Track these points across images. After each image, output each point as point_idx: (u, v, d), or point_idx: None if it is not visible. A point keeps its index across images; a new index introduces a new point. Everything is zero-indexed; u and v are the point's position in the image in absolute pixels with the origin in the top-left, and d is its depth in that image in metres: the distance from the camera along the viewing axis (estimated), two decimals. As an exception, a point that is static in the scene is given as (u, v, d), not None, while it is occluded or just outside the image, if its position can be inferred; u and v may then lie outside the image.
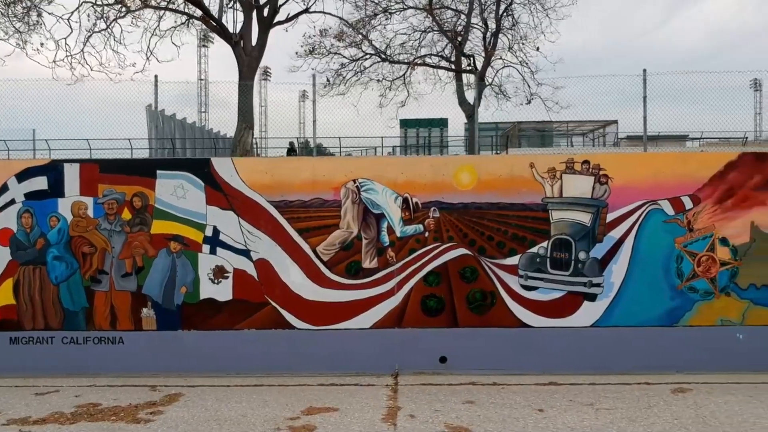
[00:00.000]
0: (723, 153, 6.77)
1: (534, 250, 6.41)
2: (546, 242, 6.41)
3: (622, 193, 6.36)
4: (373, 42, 18.92)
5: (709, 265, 6.36)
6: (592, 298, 6.39)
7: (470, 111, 19.17)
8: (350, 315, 6.42)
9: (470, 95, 19.46)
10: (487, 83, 19.09)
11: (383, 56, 18.98)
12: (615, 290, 6.38)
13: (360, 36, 18.19)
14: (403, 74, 19.15)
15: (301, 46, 18.52)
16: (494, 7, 19.19)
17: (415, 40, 19.58)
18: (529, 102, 18.95)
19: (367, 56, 18.96)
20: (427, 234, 6.42)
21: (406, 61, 19.18)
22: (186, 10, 15.90)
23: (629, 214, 6.38)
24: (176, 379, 6.35)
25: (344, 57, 18.86)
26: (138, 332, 6.47)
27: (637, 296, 6.37)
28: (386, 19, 18.70)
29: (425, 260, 6.42)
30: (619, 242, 6.38)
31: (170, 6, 15.78)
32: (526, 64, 19.13)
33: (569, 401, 5.59)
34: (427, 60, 19.94)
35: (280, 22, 16.08)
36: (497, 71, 19.30)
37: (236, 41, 15.07)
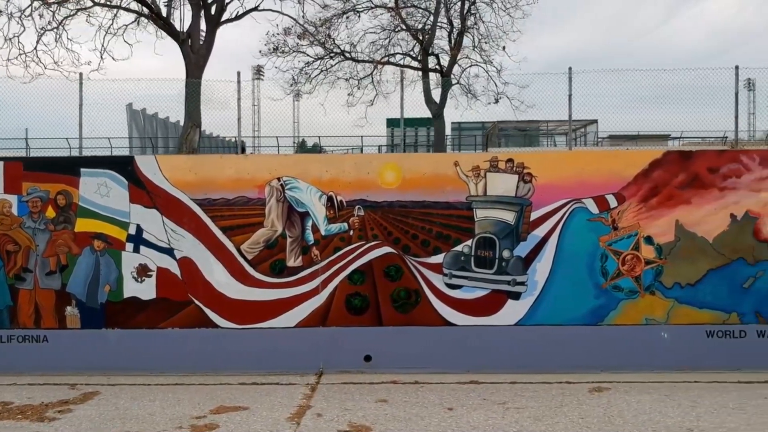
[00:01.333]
0: (648, 151, 6.76)
1: (458, 248, 6.39)
2: (470, 240, 6.39)
3: (547, 191, 6.35)
4: (340, 41, 18.95)
5: (634, 264, 6.34)
6: (516, 296, 6.37)
7: (436, 110, 19.15)
8: (275, 314, 6.40)
9: (440, 95, 19.45)
10: (453, 82, 19.07)
11: (347, 55, 18.96)
12: (539, 289, 6.36)
13: (323, 35, 18.17)
14: (371, 73, 19.15)
15: (265, 45, 18.53)
16: (459, 6, 19.19)
17: (385, 38, 19.59)
18: (496, 101, 18.95)
19: (332, 55, 18.93)
20: (351, 232, 6.40)
21: (370, 59, 19.16)
22: (134, 8, 15.88)
23: (553, 212, 6.36)
24: (100, 377, 6.32)
25: (308, 56, 18.87)
26: (62, 331, 6.44)
27: (562, 295, 6.35)
28: (357, 17, 18.70)
29: (350, 259, 6.40)
30: (544, 241, 6.36)
31: (117, 4, 15.71)
32: (491, 63, 19.14)
33: (483, 400, 5.57)
34: (395, 59, 19.92)
35: (228, 20, 16.07)
36: (464, 70, 19.32)
37: (183, 39, 15.03)
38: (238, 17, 16.16)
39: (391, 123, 40.40)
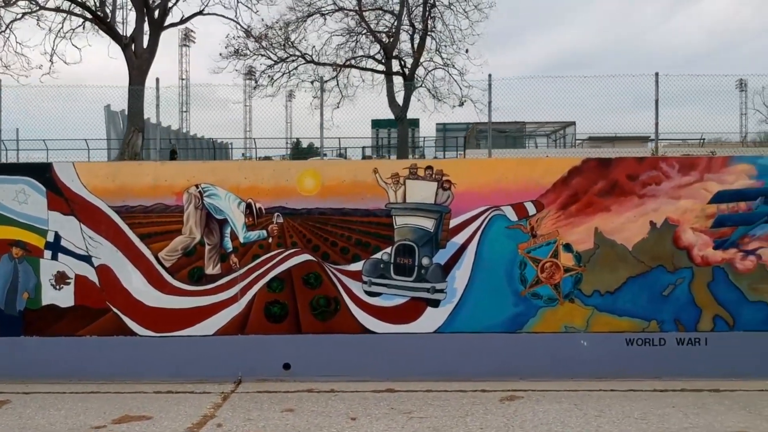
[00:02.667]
0: (567, 158, 6.74)
1: (378, 255, 6.37)
2: (390, 248, 6.37)
3: (465, 198, 6.32)
4: (305, 43, 18.92)
5: (553, 272, 6.32)
6: (435, 304, 6.35)
7: (399, 113, 19.13)
8: (193, 321, 6.37)
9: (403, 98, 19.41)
10: (417, 85, 19.06)
11: (307, 58, 18.93)
12: (458, 296, 6.34)
13: (282, 38, 18.14)
14: (335, 76, 19.11)
15: (225, 47, 18.49)
16: (421, 9, 19.15)
17: (352, 41, 19.56)
18: (461, 104, 18.93)
19: (293, 58, 18.91)
20: (270, 240, 6.37)
21: (331, 63, 19.13)
22: (78, 12, 15.81)
23: (472, 219, 6.34)
24: (16, 386, 6.27)
25: (270, 59, 18.81)
26: (-20, 338, 6.40)
27: (481, 302, 6.33)
28: (323, 20, 18.66)
29: (269, 266, 6.37)
30: (462, 248, 6.34)
31: (66, 8, 15.60)
32: (453, 66, 19.12)
33: (390, 409, 5.55)
34: (358, 62, 19.91)
35: (173, 24, 16.03)
36: (428, 72, 19.29)
37: (126, 43, 14.99)
38: (182, 21, 16.15)
39: (376, 124, 40.52)
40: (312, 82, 18.51)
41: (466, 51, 18.85)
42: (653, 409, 5.49)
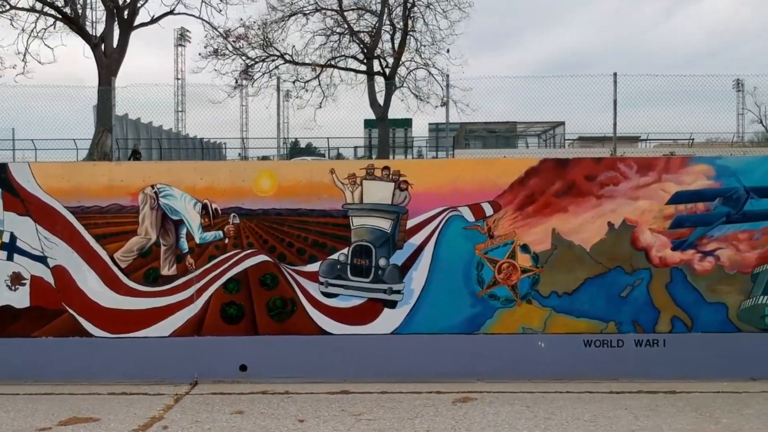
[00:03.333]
0: (524, 159, 6.70)
1: (334, 256, 6.33)
2: (346, 249, 6.33)
3: (423, 199, 6.29)
4: (286, 44, 18.86)
5: (510, 273, 6.29)
6: (392, 305, 6.32)
7: (380, 113, 19.10)
8: (149, 323, 6.33)
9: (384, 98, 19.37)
10: (398, 85, 19.02)
11: (287, 58, 18.89)
12: (415, 297, 6.31)
13: (260, 38, 18.09)
14: (317, 76, 19.06)
15: (204, 47, 18.44)
16: (401, 9, 19.11)
17: (334, 41, 19.52)
18: (443, 104, 18.89)
19: (273, 58, 18.87)
20: (226, 241, 6.33)
21: (311, 63, 19.10)
22: (49, 12, 15.79)
23: (429, 220, 6.31)
24: (-29, 387, 6.25)
25: (249, 58, 18.77)
26: (-65, 340, 6.36)
27: (438, 303, 6.29)
28: (305, 20, 18.60)
29: (225, 267, 6.33)
30: (420, 249, 6.31)
31: (35, 7, 15.55)
32: (433, 65, 19.07)
33: (341, 411, 5.52)
34: (339, 62, 19.87)
35: (143, 24, 15.99)
36: (409, 72, 19.24)
37: (96, 43, 14.95)
38: (153, 21, 16.08)
39: (369, 124, 40.44)
40: (294, 82, 18.50)
41: (447, 51, 18.83)
42: (605, 411, 5.45)
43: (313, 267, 6.33)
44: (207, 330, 6.33)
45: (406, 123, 39.87)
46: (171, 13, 16.58)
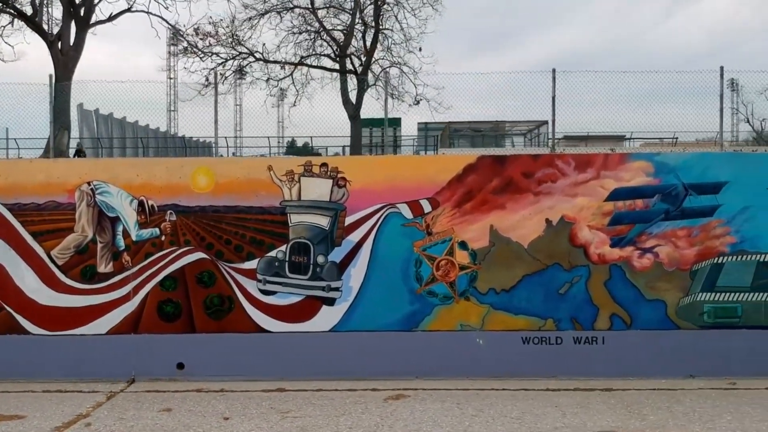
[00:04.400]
0: (462, 156, 6.69)
1: (272, 254, 6.31)
2: (285, 246, 6.30)
3: (361, 196, 6.26)
4: (256, 42, 18.77)
5: (448, 270, 6.27)
6: (330, 302, 6.29)
7: (353, 111, 19.07)
8: (86, 320, 6.30)
9: (366, 96, 19.36)
10: (370, 83, 18.99)
11: (257, 56, 18.86)
12: (353, 294, 6.28)
13: (228, 36, 18.07)
14: (290, 74, 19.04)
15: (174, 45, 18.37)
16: (373, 9, 19.06)
17: (307, 39, 19.49)
18: (417, 103, 18.87)
19: (244, 56, 18.82)
20: (163, 238, 6.30)
21: (281, 61, 19.06)
22: (7, 10, 15.73)
23: (368, 217, 6.28)
24: None
25: (220, 57, 18.74)
26: None
27: (376, 300, 6.27)
28: (279, 18, 18.55)
29: (161, 264, 6.30)
30: (358, 246, 6.28)
31: None
32: (405, 64, 19.04)
33: (270, 408, 5.49)
34: (312, 60, 19.82)
35: (100, 22, 15.95)
36: (383, 70, 19.19)
37: (52, 41, 14.90)
38: (110, 18, 16.04)
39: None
40: (267, 81, 18.46)
41: (420, 49, 18.81)
42: (534, 408, 5.43)
43: (251, 264, 6.30)
44: (144, 328, 6.30)
45: (395, 122, 39.85)
46: (128, 10, 16.53)
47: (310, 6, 18.48)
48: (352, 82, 18.66)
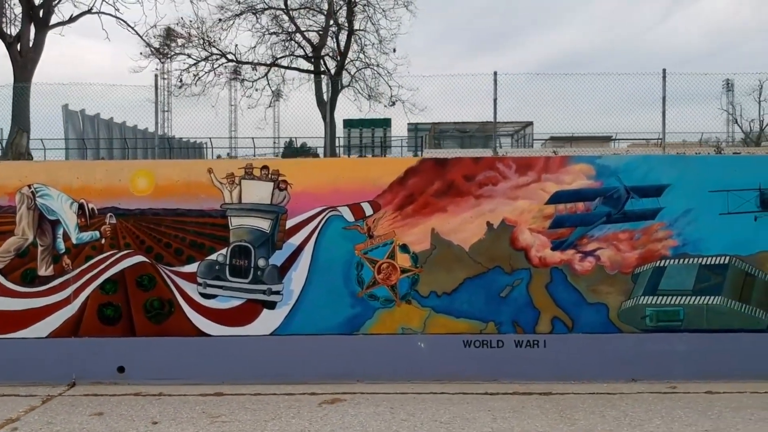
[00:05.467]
0: (404, 159, 6.69)
1: (213, 257, 6.28)
2: (225, 249, 6.28)
3: (302, 199, 6.24)
4: (229, 42, 18.74)
5: (390, 273, 6.24)
6: (271, 305, 6.26)
7: (325, 112, 19.06)
8: (26, 324, 6.27)
9: (340, 97, 19.32)
10: (345, 84, 18.95)
11: (229, 58, 18.84)
12: (294, 298, 6.25)
13: (198, 38, 18.04)
14: (265, 74, 19.01)
15: (145, 46, 18.38)
16: (346, 10, 19.04)
17: (284, 40, 19.45)
18: (392, 104, 18.85)
19: (216, 57, 18.79)
20: (103, 241, 6.27)
21: (253, 62, 19.02)
22: None
23: (309, 220, 6.25)
24: None
25: (192, 58, 18.72)
26: None
27: (317, 304, 6.24)
28: (255, 18, 18.51)
29: (102, 268, 6.27)
30: (299, 249, 6.25)
31: None
32: (378, 65, 19.01)
33: (202, 413, 5.47)
34: (287, 61, 19.80)
35: (60, 23, 15.90)
36: (358, 70, 19.18)
37: (11, 42, 14.86)
38: (71, 20, 15.99)
39: (348, 124, 40.38)
40: (242, 81, 18.41)
41: (394, 50, 18.77)
42: (466, 413, 5.41)
43: (191, 268, 6.28)
44: (84, 331, 6.27)
45: (385, 123, 39.87)
46: (89, 12, 16.50)
47: (284, 7, 18.45)
48: (326, 84, 18.62)
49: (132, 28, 17.41)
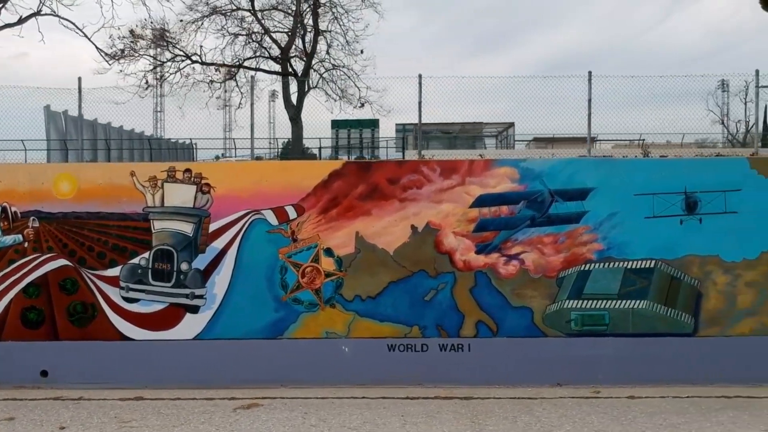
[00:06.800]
0: (328, 162, 6.64)
1: (135, 260, 6.24)
2: (148, 253, 6.24)
3: (225, 202, 6.20)
4: (194, 43, 18.68)
5: (314, 276, 6.21)
6: (194, 310, 6.23)
7: (293, 113, 19.03)
8: (-51, 327, 6.23)
9: (308, 99, 19.28)
10: (313, 86, 18.92)
11: (194, 59, 18.80)
12: (218, 302, 6.22)
13: (157, 38, 17.99)
14: (234, 76, 18.99)
15: (110, 48, 18.35)
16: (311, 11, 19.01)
17: (250, 42, 19.40)
18: (362, 105, 18.83)
19: (181, 59, 18.77)
20: (26, 244, 6.23)
21: (218, 63, 18.99)
22: None
23: (232, 224, 6.22)
24: None
25: (157, 60, 18.67)
26: None
27: (241, 308, 6.21)
28: (224, 19, 18.47)
29: (25, 271, 6.23)
30: (223, 253, 6.22)
31: None
32: (344, 66, 18.99)
33: (113, 417, 5.44)
34: (257, 63, 19.77)
35: (9, 25, 15.88)
36: (326, 71, 19.14)
37: None
38: (20, 21, 15.96)
39: (336, 124, 40.32)
40: (209, 83, 18.41)
41: (361, 51, 18.76)
42: (379, 418, 5.37)
43: (114, 271, 6.24)
44: (7, 335, 6.23)
45: (373, 124, 39.81)
46: (38, 14, 16.48)
47: (251, 8, 18.44)
48: (293, 86, 18.59)
49: (80, 30, 17.35)
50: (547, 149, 25.62)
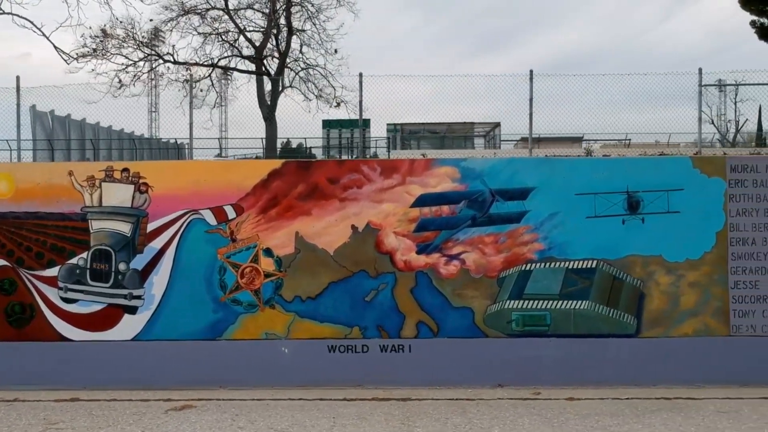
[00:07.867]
0: (267, 161, 6.58)
1: (74, 261, 6.19)
2: (86, 253, 6.19)
3: (163, 202, 6.15)
4: (178, 44, 18.67)
5: (253, 277, 6.15)
6: (132, 310, 6.17)
7: (267, 113, 18.97)
8: None
9: (284, 98, 19.22)
10: (287, 85, 18.86)
11: (166, 58, 18.75)
12: (156, 303, 6.16)
13: (129, 38, 17.97)
14: (208, 75, 18.96)
15: (82, 47, 18.30)
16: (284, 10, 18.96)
17: (232, 41, 19.36)
18: (338, 105, 18.78)
19: (154, 58, 18.72)
20: (-36, 244, 6.18)
21: (188, 62, 18.93)
22: None
23: (170, 223, 6.16)
24: None
25: (129, 59, 18.65)
26: None
27: (180, 309, 6.15)
28: (200, 19, 18.44)
29: (-38, 272, 6.19)
30: (161, 253, 6.16)
31: None
32: (318, 65, 18.94)
33: (42, 419, 5.38)
34: (234, 62, 19.72)
35: None
36: (302, 69, 19.09)
37: None
38: None
39: (327, 124, 40.26)
40: (185, 82, 18.36)
41: (335, 51, 18.71)
42: (308, 420, 5.31)
43: (53, 272, 6.19)
44: (-55, 336, 6.18)
45: (365, 124, 39.73)
46: (2, 12, 16.49)
47: (224, 7, 18.38)
48: (268, 85, 18.50)
49: (39, 29, 17.22)
50: (535, 149, 25.49)
